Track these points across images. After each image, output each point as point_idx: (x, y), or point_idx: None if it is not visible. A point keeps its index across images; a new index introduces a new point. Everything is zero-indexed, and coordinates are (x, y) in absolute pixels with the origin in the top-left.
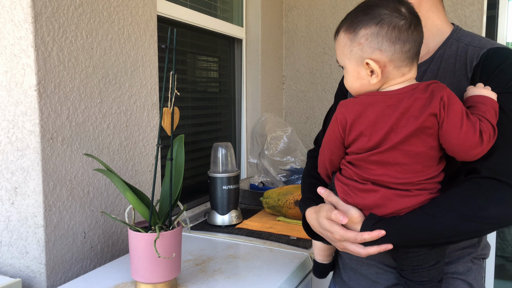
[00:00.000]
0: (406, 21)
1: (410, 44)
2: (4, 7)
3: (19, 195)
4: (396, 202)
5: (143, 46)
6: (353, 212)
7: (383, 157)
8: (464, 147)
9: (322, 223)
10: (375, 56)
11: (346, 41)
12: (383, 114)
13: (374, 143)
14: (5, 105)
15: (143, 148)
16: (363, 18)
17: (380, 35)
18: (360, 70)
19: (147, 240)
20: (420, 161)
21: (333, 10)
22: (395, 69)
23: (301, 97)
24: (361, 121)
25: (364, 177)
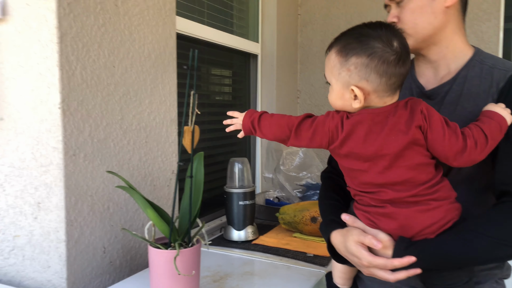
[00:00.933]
0: (396, 56)
1: (395, 77)
2: (32, 28)
3: (42, 210)
4: (420, 219)
5: (163, 63)
6: (382, 236)
7: (389, 178)
8: (451, 153)
9: (350, 248)
10: (361, 84)
11: (336, 62)
12: (371, 131)
13: (367, 156)
14: (30, 122)
15: (161, 164)
16: (356, 46)
17: (369, 67)
18: (345, 92)
19: (167, 257)
20: (423, 171)
21: (348, 26)
22: (378, 97)
23: (316, 112)
24: (352, 139)
25: (381, 199)
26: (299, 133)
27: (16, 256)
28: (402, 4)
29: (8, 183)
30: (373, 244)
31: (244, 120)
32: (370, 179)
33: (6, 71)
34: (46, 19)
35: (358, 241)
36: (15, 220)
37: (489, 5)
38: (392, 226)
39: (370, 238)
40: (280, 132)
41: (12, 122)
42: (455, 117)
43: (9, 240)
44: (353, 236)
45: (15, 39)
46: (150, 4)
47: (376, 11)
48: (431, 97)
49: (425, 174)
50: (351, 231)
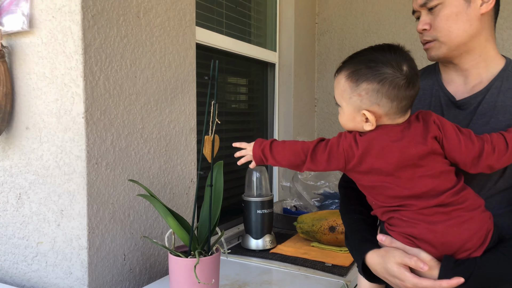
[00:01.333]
0: (406, 80)
1: (406, 100)
2: (57, 39)
3: (65, 217)
4: (457, 233)
5: (183, 73)
6: (424, 256)
7: (415, 191)
8: (469, 159)
9: (391, 270)
10: (373, 109)
11: (346, 87)
12: (387, 146)
13: (389, 170)
14: (54, 131)
15: (180, 172)
16: (366, 72)
17: (380, 92)
18: (356, 115)
19: (187, 265)
20: (446, 178)
21: (365, 34)
22: (389, 120)
23: (333, 120)
24: (370, 154)
25: (411, 217)
26: (314, 157)
27: (39, 262)
28: (435, 11)
29: (32, 190)
30: (419, 267)
31: (254, 150)
32: (396, 192)
33: (32, 81)
34: (71, 31)
35: (401, 263)
36: (38, 227)
37: (510, 12)
38: (433, 250)
39: (415, 260)
40: (295, 158)
41: (37, 131)
42: (489, 129)
43: (32, 246)
44: (395, 258)
45: (41, 51)
46: (171, 15)
47: (394, 19)
48: (462, 107)
49: (448, 181)
50: (392, 252)
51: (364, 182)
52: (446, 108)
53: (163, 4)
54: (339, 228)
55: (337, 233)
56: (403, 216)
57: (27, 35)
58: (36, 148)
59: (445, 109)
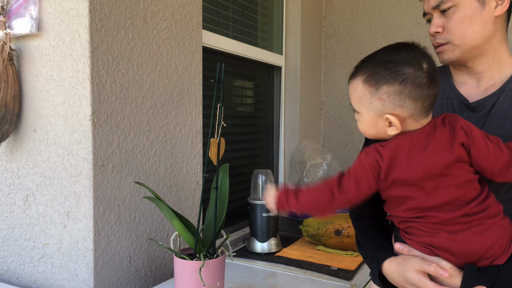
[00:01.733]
0: (428, 78)
1: (430, 99)
2: (65, 42)
3: (71, 219)
4: (479, 242)
5: (189, 76)
6: (444, 264)
7: (438, 200)
8: (497, 167)
9: (411, 278)
10: (396, 112)
11: (365, 92)
12: (412, 154)
13: (414, 181)
14: (61, 133)
15: (186, 174)
16: (385, 74)
17: (403, 94)
18: (378, 121)
19: (192, 267)
20: (471, 187)
21: (372, 37)
22: (414, 121)
23: (340, 123)
24: (394, 164)
25: (431, 223)
26: (342, 188)
27: (46, 264)
28: (449, 13)
29: (39, 192)
30: (439, 273)
31: (278, 194)
32: (419, 203)
33: (40, 84)
34: (79, 34)
35: (420, 270)
36: (45, 228)
37: None
38: (454, 259)
39: (435, 267)
40: (319, 196)
41: (44, 133)
42: (503, 131)
43: (39, 248)
44: (414, 265)
45: (49, 53)
46: (177, 19)
47: (401, 23)
48: (475, 109)
49: (473, 190)
50: (411, 260)
51: (385, 193)
52: (459, 111)
53: (170, 7)
54: (345, 232)
55: (343, 236)
56: (423, 226)
57: (35, 38)
58: (43, 150)
59: (458, 112)
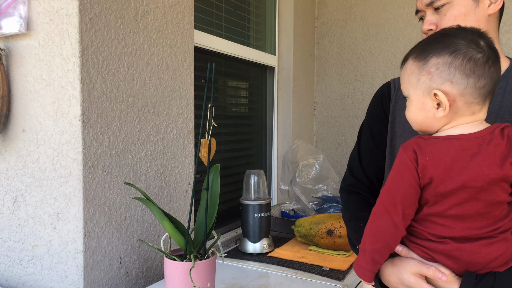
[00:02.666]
0: (484, 54)
1: (485, 80)
2: (54, 42)
3: (60, 220)
4: (486, 254)
5: (181, 76)
6: (443, 269)
7: (464, 210)
8: None
9: (408, 280)
10: (445, 87)
11: (414, 69)
12: (459, 159)
13: (449, 189)
14: (51, 134)
15: (178, 175)
16: (436, 46)
17: (453, 66)
18: (426, 101)
19: (182, 268)
20: (500, 208)
21: (365, 38)
22: (465, 105)
23: (332, 123)
24: (435, 164)
25: (441, 235)
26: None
27: (35, 266)
28: (442, 10)
29: (28, 193)
30: (438, 276)
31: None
32: (442, 210)
33: (29, 84)
34: (69, 33)
35: (418, 273)
36: (34, 230)
37: (509, 16)
38: (455, 266)
39: (433, 270)
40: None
41: (33, 134)
42: None
43: (28, 249)
44: (412, 267)
45: (38, 53)
46: (169, 19)
47: (393, 23)
48: None
49: (499, 212)
50: (408, 262)
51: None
52: None
53: (161, 7)
54: (336, 232)
55: (335, 237)
56: (430, 235)
57: (24, 38)
58: (32, 150)
59: None
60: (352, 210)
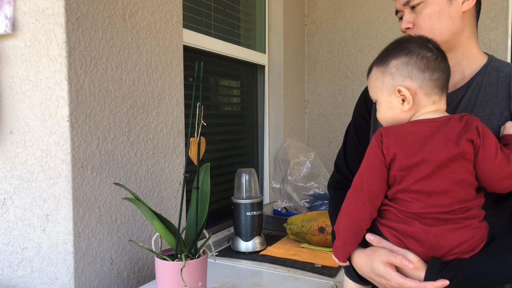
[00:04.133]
0: (434, 53)
1: (438, 73)
2: (41, 42)
3: (50, 222)
4: (450, 238)
5: (170, 75)
6: (411, 257)
7: (428, 186)
8: (498, 177)
9: (377, 269)
10: (406, 83)
11: (378, 74)
12: (419, 137)
13: (411, 163)
14: (39, 135)
15: (168, 175)
16: (393, 51)
17: (409, 64)
18: (392, 99)
19: (173, 268)
20: (464, 188)
21: (354, 35)
22: (426, 96)
23: (324, 121)
24: (398, 142)
25: (409, 212)
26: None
27: (25, 268)
28: (418, 9)
29: (17, 195)
30: (404, 265)
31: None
32: (407, 185)
33: (16, 85)
34: (55, 33)
35: (386, 262)
36: (23, 232)
37: (497, 13)
38: (421, 249)
39: (400, 258)
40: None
41: (21, 135)
42: None
43: (17, 252)
44: (381, 257)
45: (25, 54)
46: (157, 18)
47: (383, 20)
48: None
49: (465, 193)
50: (378, 251)
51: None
52: None
53: (149, 6)
54: (328, 229)
55: (327, 234)
56: (399, 213)
57: (10, 38)
58: (20, 152)
59: None
60: (336, 205)
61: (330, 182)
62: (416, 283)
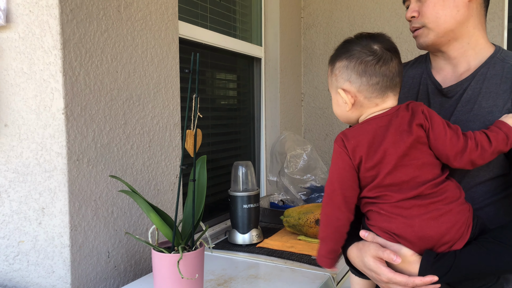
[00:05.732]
0: (374, 57)
1: (377, 78)
2: (35, 34)
3: (46, 215)
4: (434, 227)
5: (166, 68)
6: (405, 251)
7: (396, 178)
8: (452, 152)
9: (368, 264)
10: (345, 86)
11: (329, 73)
12: (377, 134)
13: (376, 161)
14: (34, 128)
15: (165, 168)
16: (339, 52)
17: (349, 68)
18: (338, 98)
19: (170, 260)
20: (429, 170)
21: (351, 28)
22: (366, 99)
23: (320, 114)
24: (360, 144)
25: (390, 206)
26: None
27: (21, 262)
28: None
29: (12, 189)
30: (392, 259)
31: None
32: (378, 181)
33: (10, 77)
34: (49, 25)
35: (376, 256)
36: (19, 225)
37: (493, 4)
38: (410, 244)
39: (388, 253)
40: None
41: (16, 128)
42: (472, 116)
43: (13, 245)
44: (371, 251)
45: (19, 46)
46: (152, 10)
47: (379, 13)
48: (447, 94)
49: (430, 173)
50: (369, 246)
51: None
52: (432, 96)
53: None
54: None
55: None
56: (381, 209)
57: (3, 30)
58: (15, 145)
59: (431, 97)
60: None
61: None
62: (405, 278)
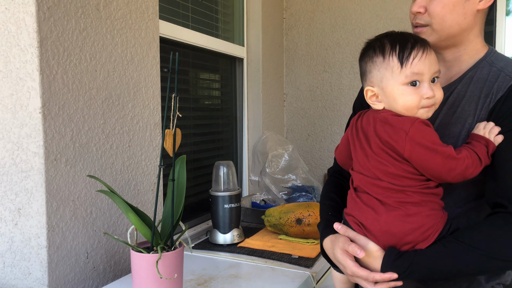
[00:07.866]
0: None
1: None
2: (11, 32)
3: (22, 216)
4: (399, 225)
5: (146, 67)
6: (371, 246)
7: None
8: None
9: (337, 256)
10: None
11: None
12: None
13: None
14: (10, 127)
15: (145, 168)
16: None
17: None
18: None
19: (148, 261)
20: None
21: (332, 29)
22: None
23: (302, 115)
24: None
25: (366, 202)
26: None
27: None
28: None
29: None
30: (356, 253)
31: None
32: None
33: None
34: (26, 23)
35: (343, 249)
36: None
37: None
38: (375, 237)
39: (353, 247)
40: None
41: None
42: (454, 119)
43: None
44: (339, 244)
45: None
46: (132, 8)
47: (360, 14)
48: None
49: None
50: (339, 239)
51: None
52: None
53: None
54: (305, 221)
55: (304, 225)
56: (352, 193)
57: None
58: None
59: None
60: (324, 190)
61: (328, 170)
62: (366, 273)
